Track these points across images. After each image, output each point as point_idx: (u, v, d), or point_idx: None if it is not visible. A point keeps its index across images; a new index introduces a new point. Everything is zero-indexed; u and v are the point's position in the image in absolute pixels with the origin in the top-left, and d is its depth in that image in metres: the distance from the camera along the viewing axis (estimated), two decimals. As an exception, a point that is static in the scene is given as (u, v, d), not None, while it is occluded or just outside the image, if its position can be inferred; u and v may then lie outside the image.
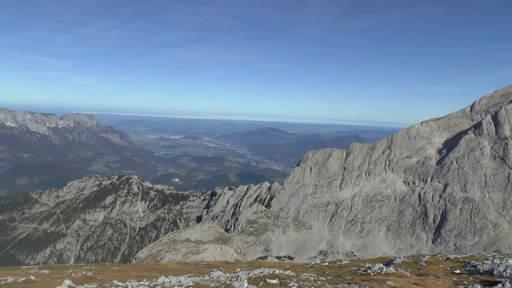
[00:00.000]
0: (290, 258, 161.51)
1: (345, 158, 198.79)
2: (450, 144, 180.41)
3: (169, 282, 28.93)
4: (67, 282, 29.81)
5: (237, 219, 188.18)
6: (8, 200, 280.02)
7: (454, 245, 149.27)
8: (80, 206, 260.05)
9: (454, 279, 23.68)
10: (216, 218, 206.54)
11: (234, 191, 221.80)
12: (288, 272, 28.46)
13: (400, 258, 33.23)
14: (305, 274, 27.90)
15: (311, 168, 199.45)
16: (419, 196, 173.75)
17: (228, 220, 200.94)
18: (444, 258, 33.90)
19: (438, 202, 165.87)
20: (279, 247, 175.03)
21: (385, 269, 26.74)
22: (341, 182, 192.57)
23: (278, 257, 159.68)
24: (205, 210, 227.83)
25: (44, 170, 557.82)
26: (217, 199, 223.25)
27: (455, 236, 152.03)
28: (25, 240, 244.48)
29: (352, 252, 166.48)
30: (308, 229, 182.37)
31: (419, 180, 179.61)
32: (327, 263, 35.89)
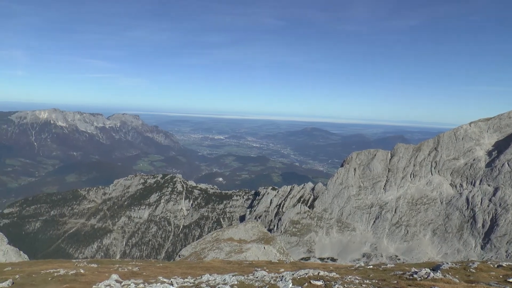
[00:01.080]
0: (333, 260, 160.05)
1: (390, 159, 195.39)
2: (501, 146, 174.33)
3: (214, 280, 29.10)
4: (115, 276, 30.41)
5: (280, 219, 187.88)
6: (58, 196, 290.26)
7: (506, 252, 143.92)
8: (125, 203, 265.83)
9: None
10: (259, 217, 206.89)
11: (278, 191, 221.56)
12: (333, 274, 28.18)
13: (447, 263, 32.32)
14: (349, 276, 27.57)
15: (355, 169, 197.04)
16: (467, 199, 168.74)
17: (271, 220, 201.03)
18: (495, 265, 32.68)
19: (488, 206, 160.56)
20: (322, 248, 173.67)
21: (432, 274, 26.02)
22: (385, 184, 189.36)
23: (321, 259, 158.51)
24: (248, 210, 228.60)
25: (92, 168, 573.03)
26: (261, 199, 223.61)
27: (507, 242, 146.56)
28: (74, 234, 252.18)
29: (396, 256, 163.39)
30: (352, 231, 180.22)
31: (467, 183, 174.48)
32: (371, 266, 35.34)
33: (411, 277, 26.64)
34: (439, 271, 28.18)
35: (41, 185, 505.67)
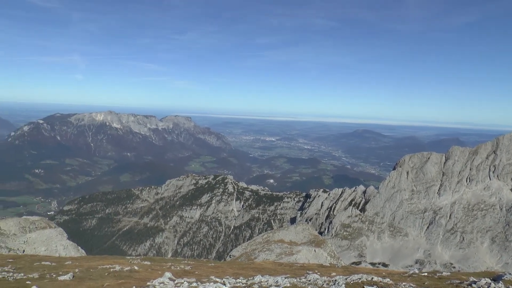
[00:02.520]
0: (384, 265, 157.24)
1: (444, 163, 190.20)
2: None
3: (266, 281, 29.08)
4: (168, 274, 30.91)
5: (331, 222, 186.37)
6: (113, 195, 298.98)
7: None
8: (177, 203, 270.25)
9: None
10: (310, 220, 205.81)
11: (329, 193, 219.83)
12: (387, 280, 27.62)
13: (510, 273, 30.83)
14: (403, 283, 26.97)
15: (407, 173, 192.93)
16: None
17: (322, 223, 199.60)
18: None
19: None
20: (373, 253, 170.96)
21: (493, 285, 24.73)
22: (439, 188, 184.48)
23: (372, 264, 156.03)
24: (299, 212, 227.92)
25: (145, 168, 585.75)
26: (311, 201, 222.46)
27: None
28: (127, 232, 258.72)
29: (451, 264, 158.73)
30: (404, 236, 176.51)
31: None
32: (426, 274, 34.40)
33: (469, 286, 25.72)
34: (500, 281, 26.82)
35: (97, 184, 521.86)
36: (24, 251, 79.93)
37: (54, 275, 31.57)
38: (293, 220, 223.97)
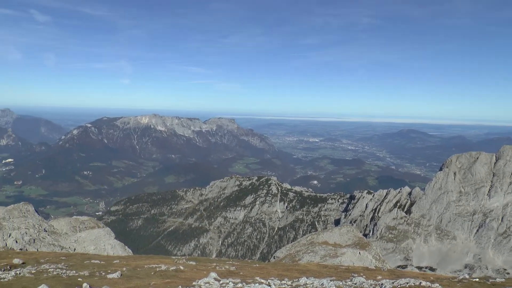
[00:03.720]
0: (431, 269, 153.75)
1: (495, 163, 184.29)
2: None
3: (311, 284, 28.98)
4: (213, 274, 31.19)
5: (375, 224, 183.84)
6: (158, 196, 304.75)
7: None
8: (221, 204, 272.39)
9: None
10: (354, 222, 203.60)
11: (373, 195, 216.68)
12: (435, 285, 26.97)
13: None
14: (453, 288, 26.32)
15: (455, 173, 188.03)
16: None
17: (366, 225, 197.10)
18: None
19: None
20: (419, 256, 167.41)
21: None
22: (489, 190, 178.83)
23: (419, 267, 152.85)
24: (343, 214, 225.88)
25: (189, 170, 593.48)
26: (356, 202, 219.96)
27: None
28: (173, 232, 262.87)
29: (505, 269, 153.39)
30: (452, 240, 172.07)
31: None
32: (477, 279, 33.36)
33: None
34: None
35: (142, 185, 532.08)
36: (75, 249, 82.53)
37: (103, 273, 32.45)
38: (337, 222, 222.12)
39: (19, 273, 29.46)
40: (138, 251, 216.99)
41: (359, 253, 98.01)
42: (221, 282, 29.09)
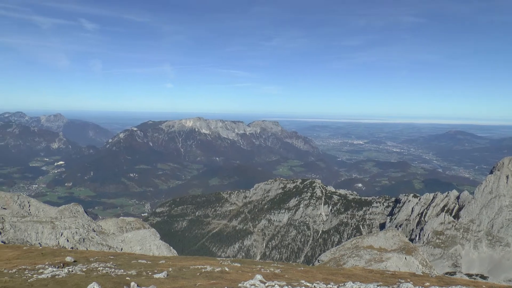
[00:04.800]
0: (483, 277, 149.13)
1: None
2: None
3: (357, 289, 29.01)
4: (259, 277, 31.46)
5: (422, 229, 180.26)
6: (203, 198, 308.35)
7: None
8: (265, 207, 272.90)
9: None
10: (400, 226, 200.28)
11: (419, 199, 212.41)
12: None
13: None
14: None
15: (507, 177, 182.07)
16: None
17: (412, 229, 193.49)
18: None
19: None
20: (469, 263, 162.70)
21: None
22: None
23: (469, 275, 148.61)
24: (388, 217, 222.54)
25: (233, 172, 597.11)
26: (401, 206, 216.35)
27: None
28: (217, 234, 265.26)
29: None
30: (505, 246, 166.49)
31: None
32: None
33: None
34: None
35: (187, 188, 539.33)
36: (122, 249, 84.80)
37: (150, 273, 33.22)
38: (382, 226, 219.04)
39: (72, 271, 30.60)
40: (183, 252, 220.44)
41: (405, 258, 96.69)
42: (266, 284, 29.31)
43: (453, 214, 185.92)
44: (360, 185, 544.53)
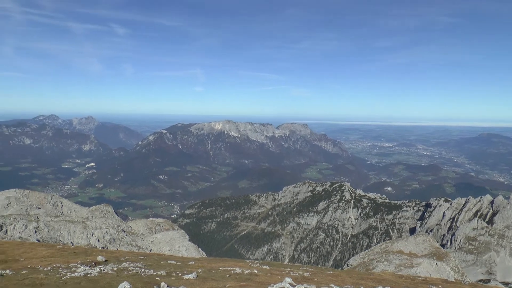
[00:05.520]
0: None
1: None
2: None
3: (388, 295, 28.56)
4: (288, 280, 31.24)
5: (454, 234, 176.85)
6: (231, 200, 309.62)
7: None
8: (294, 209, 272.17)
9: None
10: (430, 231, 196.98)
11: (451, 203, 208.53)
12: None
13: None
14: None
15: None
16: None
17: (443, 234, 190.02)
18: None
19: None
20: (505, 271, 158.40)
21: None
22: None
23: (505, 283, 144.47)
24: (418, 222, 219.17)
25: (262, 175, 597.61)
26: (432, 211, 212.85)
27: None
28: (245, 236, 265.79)
29: None
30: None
31: None
32: None
33: None
34: None
35: (216, 190, 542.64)
36: (151, 249, 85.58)
37: (179, 274, 33.31)
38: (412, 231, 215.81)
39: (103, 270, 31.01)
40: (211, 254, 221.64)
41: (436, 264, 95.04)
42: (296, 287, 29.22)
43: (486, 219, 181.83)
44: (389, 188, 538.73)
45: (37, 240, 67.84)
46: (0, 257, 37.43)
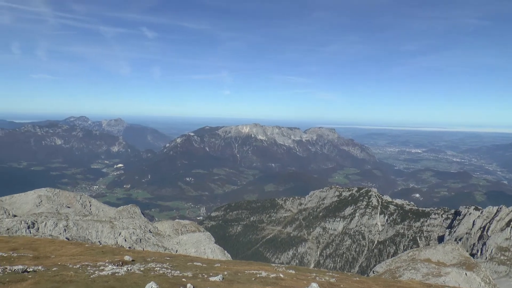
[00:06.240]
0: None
1: None
2: None
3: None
4: (314, 285, 30.66)
5: (484, 243, 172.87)
6: (258, 204, 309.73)
7: None
8: (320, 214, 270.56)
9: None
10: (459, 240, 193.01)
11: (481, 212, 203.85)
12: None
13: None
14: None
15: None
16: None
17: (473, 244, 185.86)
18: None
19: None
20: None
21: None
22: None
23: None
24: (447, 230, 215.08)
25: (289, 179, 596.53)
26: (461, 219, 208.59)
27: None
28: (271, 240, 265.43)
29: None
30: None
31: None
32: None
33: None
34: None
35: (242, 193, 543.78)
36: (177, 251, 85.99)
37: (205, 276, 33.10)
38: (440, 239, 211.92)
39: (130, 269, 31.06)
40: (237, 256, 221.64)
41: (466, 274, 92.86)
42: (322, 293, 28.63)
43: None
44: (417, 195, 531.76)
45: (66, 238, 69.20)
46: (33, 254, 38.12)
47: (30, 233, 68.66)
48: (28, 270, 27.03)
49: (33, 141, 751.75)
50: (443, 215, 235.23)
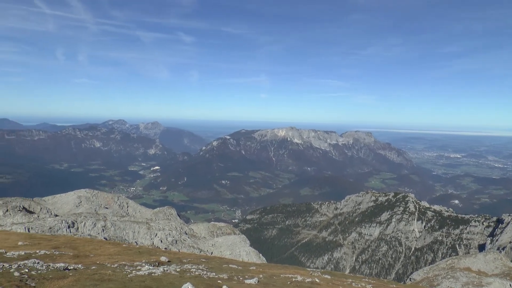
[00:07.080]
0: None
1: None
2: None
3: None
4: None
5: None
6: (293, 207, 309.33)
7: None
8: (356, 219, 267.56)
9: None
10: (502, 249, 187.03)
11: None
12: None
13: None
14: None
15: None
16: None
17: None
18: None
19: None
20: None
21: None
22: None
23: None
24: (489, 239, 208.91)
25: (325, 183, 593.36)
26: (504, 227, 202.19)
27: None
28: (306, 244, 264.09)
29: None
30: None
31: None
32: None
33: None
34: None
35: (278, 196, 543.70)
36: (212, 253, 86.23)
37: (241, 278, 33.20)
38: (481, 247, 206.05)
39: (166, 270, 31.51)
40: (272, 260, 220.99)
41: (510, 285, 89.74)
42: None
43: None
44: (456, 201, 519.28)
45: (104, 238, 70.82)
46: (73, 252, 39.33)
47: (70, 232, 70.56)
48: (69, 268, 28.07)
49: (74, 143, 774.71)
50: (484, 223, 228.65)
